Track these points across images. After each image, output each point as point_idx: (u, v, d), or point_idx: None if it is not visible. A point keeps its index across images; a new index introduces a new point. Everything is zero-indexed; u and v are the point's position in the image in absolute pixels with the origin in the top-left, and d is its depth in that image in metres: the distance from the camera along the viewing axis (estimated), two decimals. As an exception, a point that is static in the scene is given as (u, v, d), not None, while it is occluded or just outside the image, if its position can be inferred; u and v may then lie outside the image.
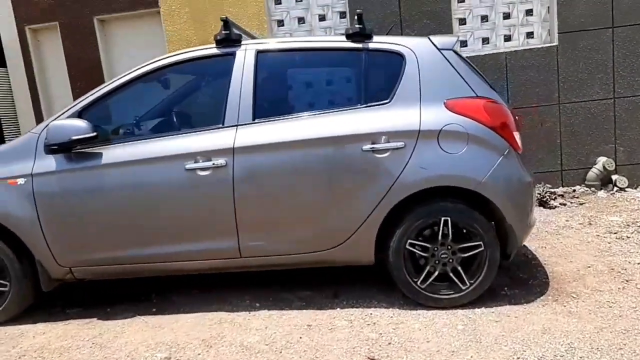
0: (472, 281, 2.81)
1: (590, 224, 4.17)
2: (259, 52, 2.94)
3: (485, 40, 5.31)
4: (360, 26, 2.88)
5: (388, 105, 2.81)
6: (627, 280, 3.00)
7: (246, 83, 2.87)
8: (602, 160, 5.14)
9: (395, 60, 2.87)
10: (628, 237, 3.75)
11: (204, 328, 2.75)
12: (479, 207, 2.78)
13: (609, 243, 3.68)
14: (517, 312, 2.72)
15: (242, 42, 2.98)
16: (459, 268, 2.81)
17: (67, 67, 5.23)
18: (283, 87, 3.05)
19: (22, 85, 5.45)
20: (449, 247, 2.81)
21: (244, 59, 2.92)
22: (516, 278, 3.19)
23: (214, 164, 2.79)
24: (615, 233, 3.88)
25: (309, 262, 2.94)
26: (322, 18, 5.51)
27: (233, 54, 2.94)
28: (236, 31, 2.95)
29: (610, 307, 2.70)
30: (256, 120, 2.85)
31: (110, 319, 2.98)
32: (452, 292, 2.83)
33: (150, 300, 3.22)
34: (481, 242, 2.77)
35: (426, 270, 2.82)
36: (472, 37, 5.30)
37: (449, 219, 2.77)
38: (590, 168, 5.19)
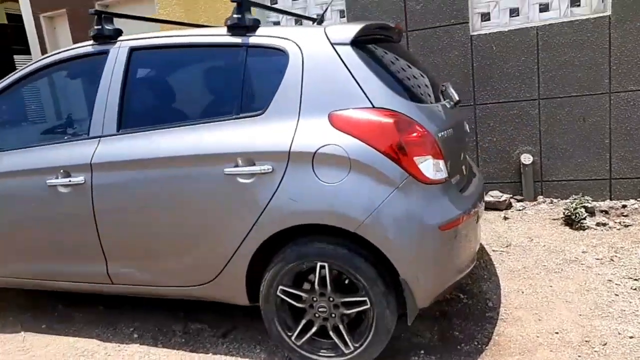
0: (357, 345, 2.19)
1: (612, 260, 3.14)
2: (132, 50, 2.52)
3: (514, 12, 4.22)
4: (239, 15, 2.31)
5: (261, 117, 2.23)
6: (592, 366, 2.13)
7: (114, 87, 2.49)
8: (667, 168, 3.88)
9: (277, 59, 2.26)
10: (650, 289, 2.73)
11: (60, 360, 2.54)
12: (371, 253, 2.12)
13: (615, 295, 2.70)
14: (407, 396, 2.06)
15: (119, 39, 2.58)
16: (341, 326, 2.20)
17: (76, 54, 5.29)
18: (155, 93, 2.59)
19: (42, 72, 5.66)
20: (330, 299, 2.21)
21: (116, 58, 2.53)
22: (447, 336, 2.47)
23: (70, 181, 2.48)
24: (636, 280, 2.85)
25: (185, 296, 2.54)
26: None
27: (106, 52, 2.56)
28: (109, 27, 2.54)
29: (538, 409, 1.92)
30: (120, 132, 2.46)
31: (1, 331, 2.91)
32: (334, 354, 2.24)
33: (54, 312, 3.09)
34: (366, 299, 2.13)
35: (302, 324, 2.27)
36: (496, 8, 4.24)
37: (326, 265, 2.16)
38: (650, 178, 3.95)
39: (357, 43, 2.23)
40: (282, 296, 2.26)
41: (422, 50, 4.36)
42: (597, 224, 3.77)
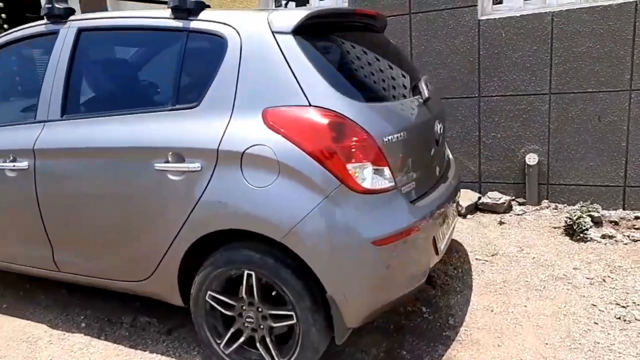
0: (283, 360, 2.06)
1: (604, 281, 2.82)
2: (81, 31, 2.40)
3: (530, -5, 3.82)
4: (181, -4, 2.13)
5: (195, 110, 2.07)
6: (539, 408, 1.90)
7: (60, 70, 2.39)
8: (691, 178, 3.44)
9: (216, 47, 2.08)
10: (637, 321, 2.42)
11: (4, 344, 2.53)
12: (300, 265, 1.94)
13: (594, 324, 2.42)
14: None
15: (70, 18, 2.46)
16: (268, 339, 2.06)
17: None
18: (99, 78, 2.47)
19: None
20: (259, 310, 2.07)
21: (64, 39, 2.42)
22: (394, 355, 2.28)
23: (14, 165, 2.44)
24: (624, 307, 2.54)
25: (127, 290, 2.47)
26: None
27: (57, 33, 2.46)
28: (60, 5, 2.42)
29: None
30: (64, 117, 2.37)
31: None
32: (261, 367, 2.11)
33: (19, 291, 3.12)
34: (292, 313, 1.97)
35: (230, 333, 2.14)
36: (510, -9, 3.84)
37: (253, 274, 2.01)
38: (670, 188, 3.53)
39: (303, 32, 2.01)
40: (211, 302, 2.13)
41: (425, 35, 4.03)
42: (603, 236, 3.41)
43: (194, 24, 2.13)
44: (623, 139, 3.61)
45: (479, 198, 3.99)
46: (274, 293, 2.04)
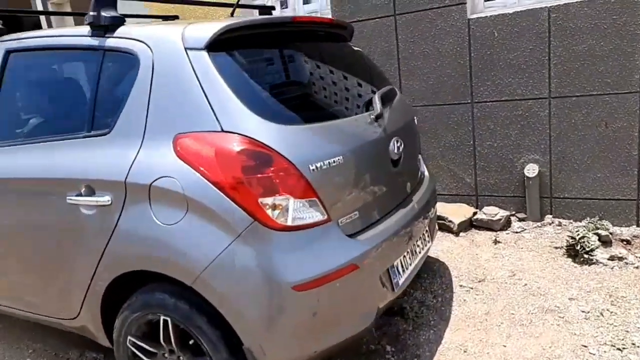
0: (206, 417, 1.83)
1: (602, 315, 2.45)
2: (9, 52, 2.26)
3: (526, -11, 3.45)
4: (94, 13, 1.94)
5: (107, 137, 1.88)
6: None
7: (-17, 95, 2.26)
8: None
9: (129, 66, 1.88)
10: (632, 366, 2.06)
11: (-59, 383, 2.42)
12: (216, 312, 1.71)
13: (582, 370, 2.07)
14: None
15: (1, 39, 2.32)
16: (189, 392, 1.85)
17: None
18: (21, 102, 2.31)
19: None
20: (180, 359, 1.85)
21: (-7, 61, 2.28)
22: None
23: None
24: (620, 349, 2.17)
25: (65, 328, 2.31)
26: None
27: (-13, 55, 2.32)
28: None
29: None
30: (-15, 145, 2.24)
31: None
32: (185, 422, 1.89)
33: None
34: (210, 364, 1.75)
35: (153, 382, 1.94)
36: (503, -14, 3.48)
37: (169, 319, 1.80)
38: (691, 202, 3.09)
39: (221, 47, 1.79)
40: (132, 348, 1.94)
41: (412, 38, 3.72)
42: (611, 258, 3.01)
43: (110, 42, 1.94)
44: (634, 146, 3.19)
45: (474, 214, 3.65)
46: (191, 342, 1.82)
